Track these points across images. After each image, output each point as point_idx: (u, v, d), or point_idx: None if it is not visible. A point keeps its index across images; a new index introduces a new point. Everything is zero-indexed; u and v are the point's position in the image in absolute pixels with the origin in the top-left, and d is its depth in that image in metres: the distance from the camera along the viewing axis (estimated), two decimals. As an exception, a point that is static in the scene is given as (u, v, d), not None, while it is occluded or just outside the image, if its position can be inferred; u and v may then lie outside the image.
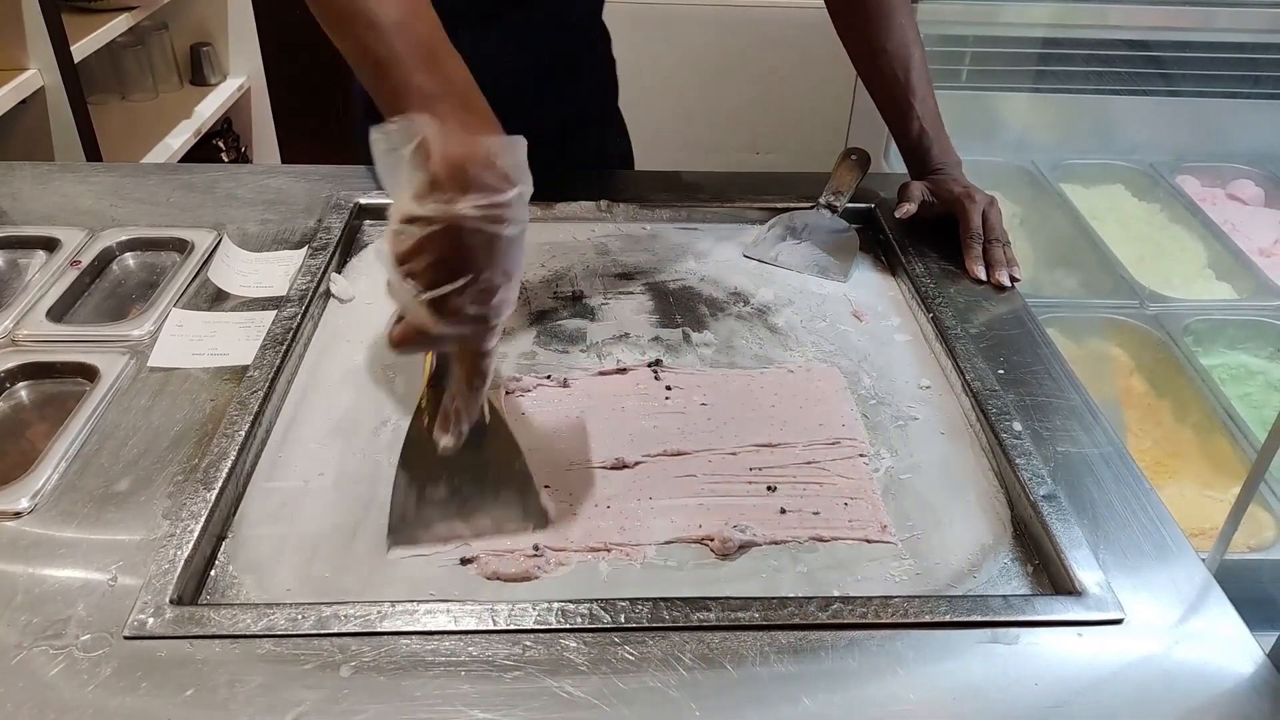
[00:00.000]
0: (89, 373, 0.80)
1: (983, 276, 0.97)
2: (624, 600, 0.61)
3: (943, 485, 0.74)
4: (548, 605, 0.61)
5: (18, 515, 0.67)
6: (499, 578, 0.65)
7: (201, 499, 0.67)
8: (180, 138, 2.07)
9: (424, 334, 0.58)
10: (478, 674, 0.57)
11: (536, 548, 0.66)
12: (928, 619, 0.61)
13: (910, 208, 1.02)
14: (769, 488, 0.73)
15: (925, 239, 1.03)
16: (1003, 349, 0.87)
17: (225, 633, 0.59)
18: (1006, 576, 0.67)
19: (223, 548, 0.66)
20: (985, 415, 0.78)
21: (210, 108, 2.21)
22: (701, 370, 0.85)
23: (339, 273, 0.96)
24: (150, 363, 0.82)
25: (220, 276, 0.93)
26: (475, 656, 0.58)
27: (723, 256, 1.03)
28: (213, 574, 0.64)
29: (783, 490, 0.73)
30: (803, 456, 0.76)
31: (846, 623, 0.61)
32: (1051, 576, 0.66)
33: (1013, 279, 0.97)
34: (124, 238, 0.99)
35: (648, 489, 0.72)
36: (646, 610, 0.61)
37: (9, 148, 1.66)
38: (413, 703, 0.55)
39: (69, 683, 0.56)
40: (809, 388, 0.83)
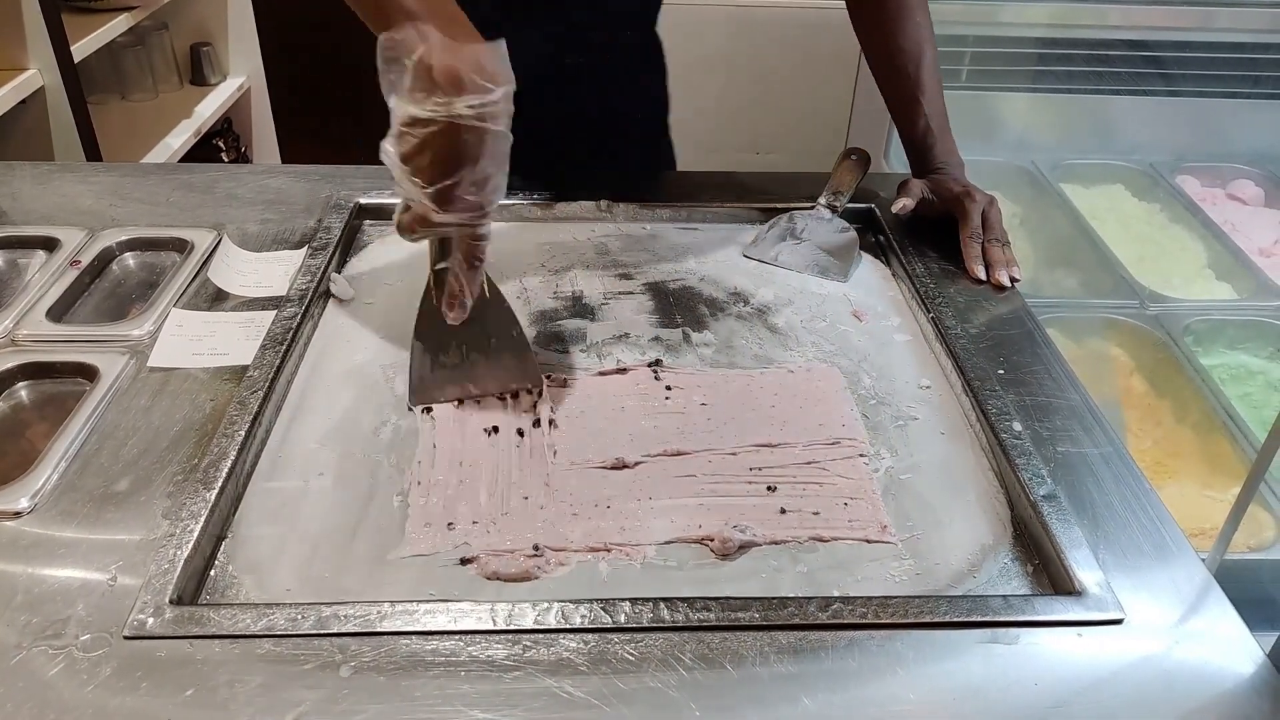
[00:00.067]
0: (89, 373, 0.80)
1: (983, 276, 0.97)
2: (624, 600, 0.61)
3: (943, 485, 0.74)
4: (547, 605, 0.61)
5: (17, 515, 0.67)
6: (499, 578, 0.65)
7: (201, 499, 0.67)
8: (180, 138, 2.07)
9: (428, 222, 0.67)
10: (477, 674, 0.57)
11: (536, 548, 0.66)
12: (928, 619, 0.61)
13: (907, 203, 1.02)
14: (769, 488, 0.73)
15: (925, 239, 1.03)
16: (1003, 349, 0.87)
17: (225, 633, 0.59)
18: (1006, 576, 0.67)
19: (222, 548, 0.66)
20: (985, 415, 0.78)
21: (210, 108, 2.21)
22: (701, 370, 0.85)
23: (339, 272, 0.96)
24: (150, 363, 0.82)
25: (220, 276, 0.93)
26: (475, 656, 0.58)
27: (722, 256, 1.03)
28: (212, 574, 0.64)
29: (783, 490, 0.73)
30: (803, 456, 0.76)
31: (846, 623, 0.61)
32: (1051, 577, 0.66)
33: (1012, 279, 0.97)
34: (124, 238, 0.99)
35: (648, 489, 0.72)
36: (646, 610, 0.61)
37: (9, 148, 1.66)
38: (412, 703, 0.55)
39: (69, 683, 0.56)
40: (809, 388, 0.83)
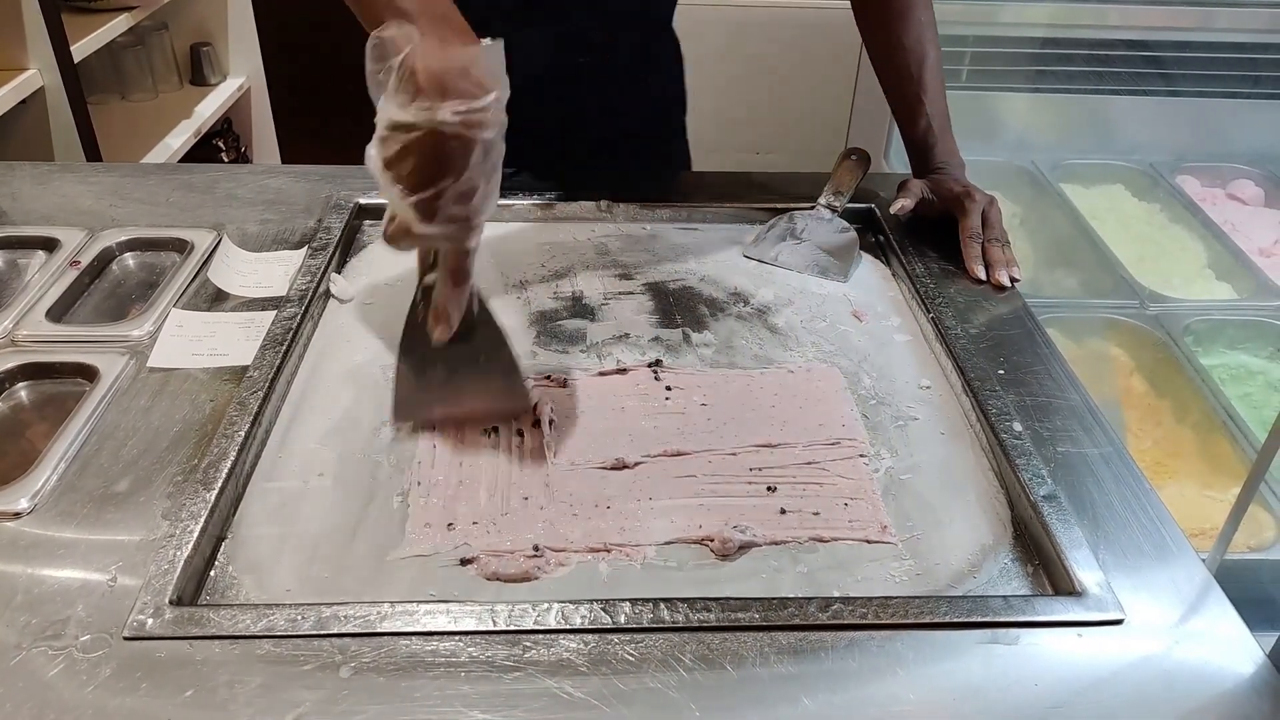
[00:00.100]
0: (89, 373, 0.80)
1: (983, 276, 0.97)
2: (624, 601, 0.61)
3: (943, 486, 0.74)
4: (547, 606, 0.61)
5: (17, 516, 0.67)
6: (499, 578, 0.65)
7: (201, 499, 0.67)
8: (180, 138, 2.07)
9: (411, 233, 0.63)
10: (477, 675, 0.57)
11: (536, 548, 0.66)
12: (928, 619, 0.61)
13: (905, 204, 1.02)
14: (769, 488, 0.73)
15: (925, 239, 1.03)
16: (1003, 349, 0.87)
17: (225, 633, 0.59)
18: (1007, 577, 0.67)
19: (222, 548, 0.66)
20: (985, 415, 0.78)
21: (210, 108, 2.21)
22: (701, 370, 0.85)
23: (339, 273, 0.96)
24: (150, 363, 0.82)
25: (220, 277, 0.93)
26: (475, 657, 0.58)
27: (722, 257, 1.03)
28: (212, 574, 0.64)
29: (783, 491, 0.73)
30: (803, 457, 0.76)
31: (846, 623, 0.61)
32: (1051, 577, 0.66)
33: (1013, 279, 0.97)
34: (124, 238, 0.99)
35: (648, 489, 0.72)
36: (646, 611, 0.61)
37: (9, 148, 1.66)
38: (412, 703, 0.55)
39: (68, 683, 0.56)
40: (809, 388, 0.83)
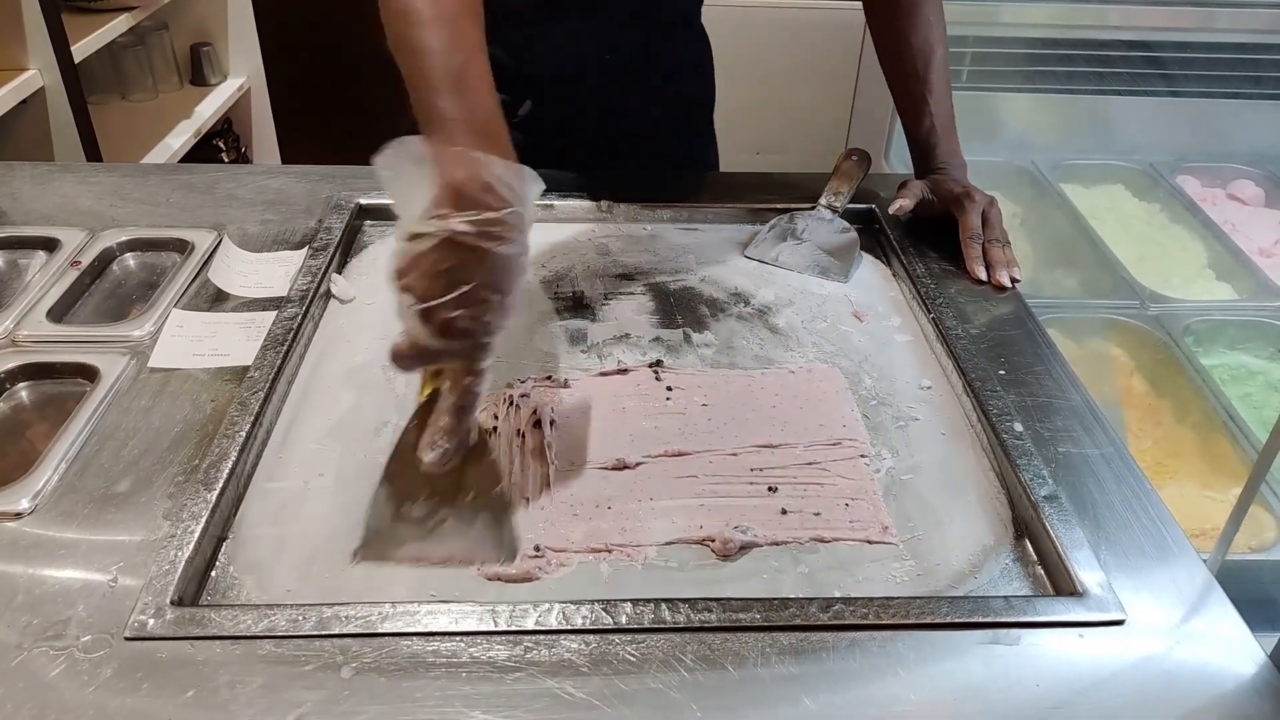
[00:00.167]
0: (89, 373, 0.80)
1: (983, 276, 0.97)
2: (625, 601, 0.61)
3: (944, 486, 0.74)
4: (549, 606, 0.61)
5: (18, 516, 0.67)
6: (500, 579, 0.65)
7: (202, 500, 0.67)
8: (180, 138, 2.06)
9: (417, 347, 0.60)
10: (479, 675, 0.57)
11: (538, 549, 0.66)
12: (929, 620, 0.61)
13: (904, 204, 1.02)
14: (770, 488, 0.73)
15: (926, 239, 1.03)
16: (1004, 349, 0.87)
17: (226, 634, 0.59)
18: (1008, 577, 0.67)
19: (223, 548, 0.66)
20: (986, 416, 0.78)
21: (210, 108, 2.21)
22: (702, 371, 0.85)
23: (339, 273, 0.96)
24: (150, 363, 0.82)
25: (220, 277, 0.93)
26: (476, 658, 0.58)
27: (723, 257, 1.03)
28: (213, 575, 0.64)
29: (784, 491, 0.73)
30: (803, 457, 0.76)
31: (847, 623, 0.61)
32: (1052, 577, 0.66)
33: (1013, 279, 0.97)
34: (124, 238, 0.99)
35: (648, 490, 0.72)
36: (648, 611, 0.61)
37: (9, 148, 1.66)
38: (414, 704, 0.55)
39: (69, 684, 0.56)
40: (810, 388, 0.83)
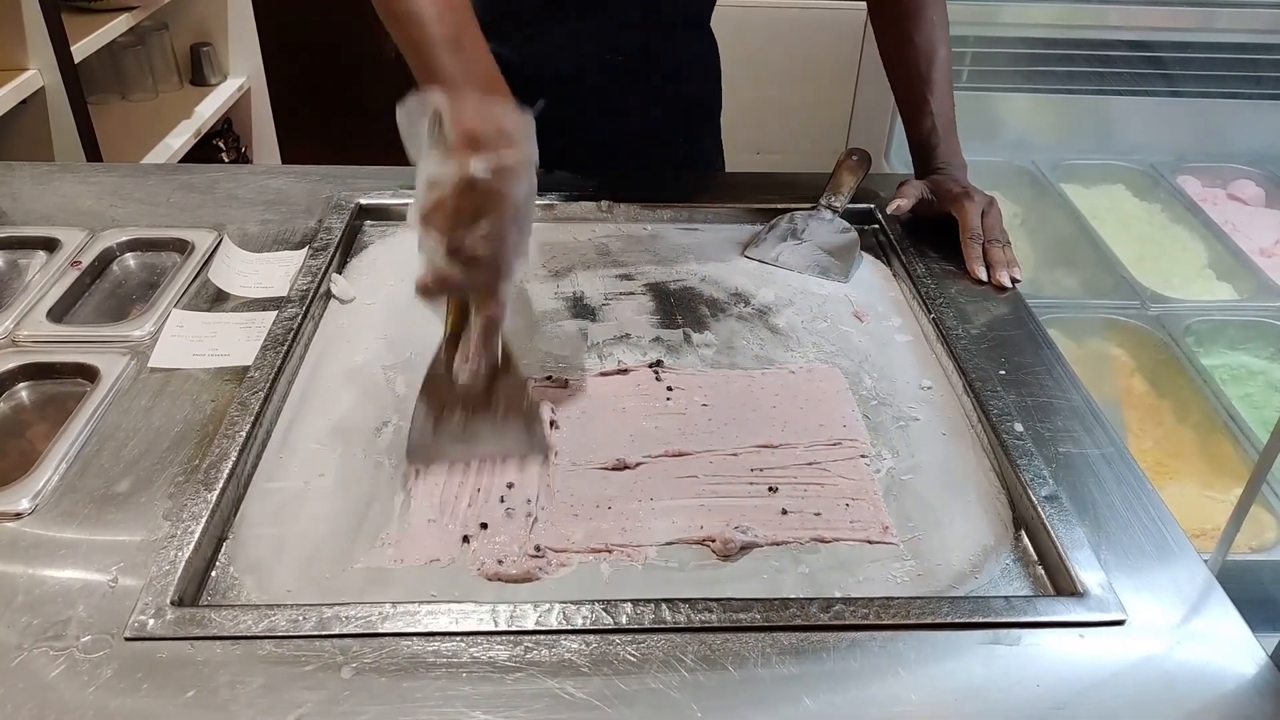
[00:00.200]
0: (89, 373, 0.80)
1: (984, 277, 0.97)
2: (626, 601, 0.61)
3: (944, 486, 0.74)
4: (549, 606, 0.61)
5: (18, 516, 0.67)
6: (500, 579, 0.65)
7: (202, 500, 0.67)
8: (180, 138, 2.07)
9: (444, 279, 0.66)
10: (479, 675, 0.57)
11: (538, 549, 0.66)
12: (929, 620, 0.61)
13: (902, 203, 1.02)
14: (770, 489, 0.73)
15: (926, 239, 1.03)
16: (1004, 349, 0.87)
17: (226, 634, 0.59)
18: (1008, 577, 0.67)
19: (223, 549, 0.66)
20: (987, 416, 0.78)
21: (210, 108, 2.21)
22: (702, 371, 0.85)
23: (339, 273, 0.96)
24: (151, 363, 0.81)
25: (220, 277, 0.93)
26: (477, 658, 0.58)
27: (723, 257, 1.03)
28: (213, 575, 0.64)
29: (784, 491, 0.73)
30: (804, 457, 0.76)
31: (848, 624, 0.61)
32: (1053, 577, 0.66)
33: (1013, 279, 0.97)
34: (124, 238, 0.99)
35: (649, 490, 0.72)
36: (648, 611, 0.61)
37: (9, 148, 1.66)
38: (414, 704, 0.55)
39: (69, 684, 0.56)
40: (810, 388, 0.83)
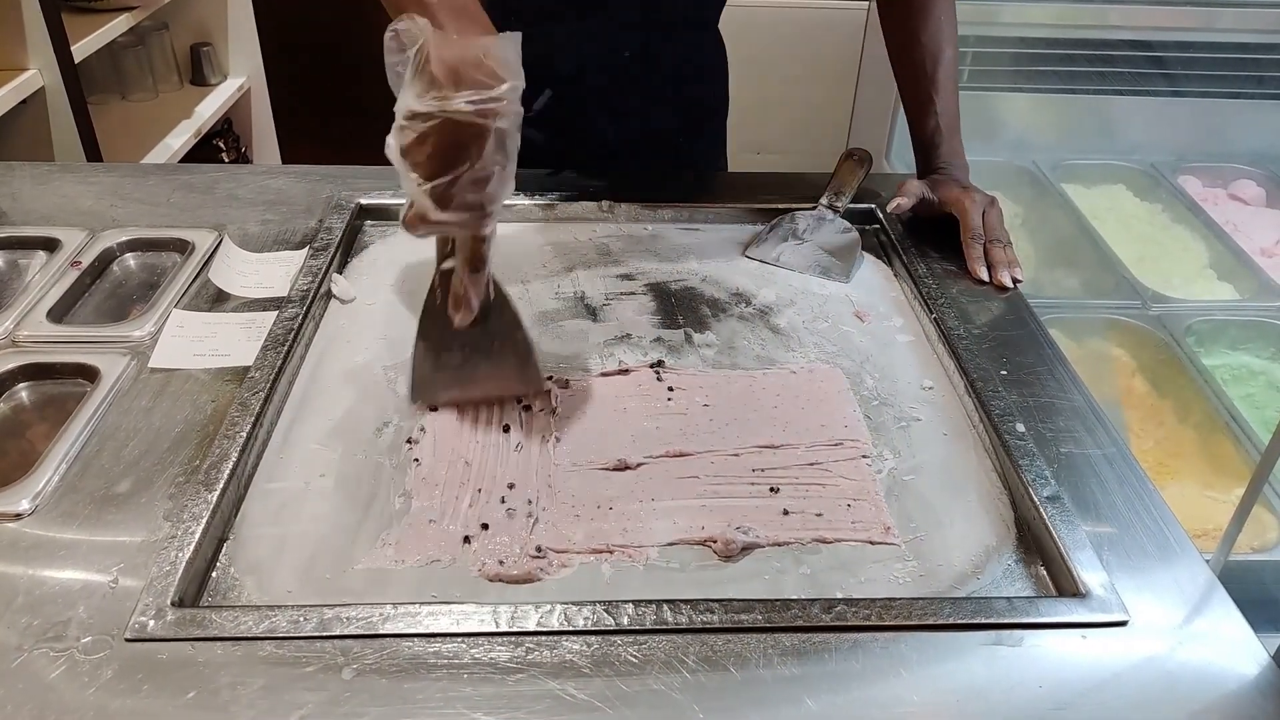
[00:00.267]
0: (89, 374, 0.80)
1: (985, 277, 0.97)
2: (627, 602, 0.61)
3: (946, 486, 0.74)
4: (550, 607, 0.61)
5: (18, 517, 0.66)
6: (501, 579, 0.65)
7: (203, 500, 0.67)
8: (180, 138, 2.06)
9: (427, 220, 0.64)
10: (480, 676, 0.57)
11: (539, 549, 0.66)
12: (931, 621, 0.61)
13: (902, 203, 1.02)
14: (771, 489, 0.73)
15: (927, 239, 1.03)
16: (1005, 350, 0.87)
17: (227, 635, 0.58)
18: (1010, 578, 0.67)
19: (224, 549, 0.66)
20: (988, 416, 0.78)
21: (210, 108, 2.21)
22: (703, 371, 0.85)
23: (340, 273, 0.96)
24: (151, 363, 0.81)
25: (221, 277, 0.93)
26: (478, 659, 0.58)
27: (724, 257, 1.03)
28: (214, 576, 0.64)
29: (785, 492, 0.73)
30: (805, 458, 0.76)
31: (850, 624, 0.61)
32: (1055, 578, 0.66)
33: (1014, 279, 0.97)
34: (124, 238, 0.99)
35: (650, 490, 0.72)
36: (650, 612, 0.60)
37: (9, 148, 1.66)
38: (415, 705, 0.55)
39: (70, 685, 0.55)
40: (811, 389, 0.83)
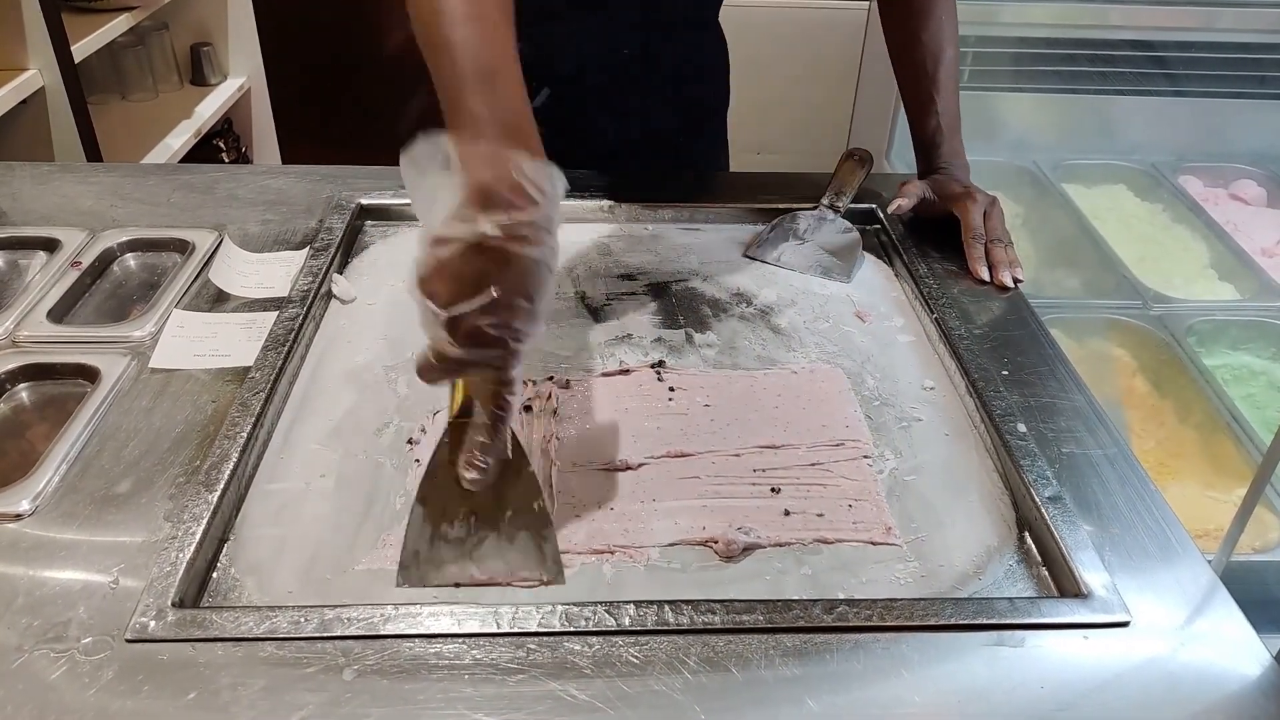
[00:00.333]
0: (90, 374, 0.80)
1: (986, 277, 0.97)
2: (628, 603, 0.61)
3: (947, 487, 0.74)
4: (551, 608, 0.60)
5: (18, 517, 0.66)
6: (502, 580, 0.64)
7: (203, 501, 0.66)
8: (180, 138, 2.06)
9: (444, 358, 0.56)
10: (481, 677, 0.57)
11: (540, 550, 0.66)
12: (933, 622, 0.61)
13: (903, 203, 1.02)
14: (773, 489, 0.72)
15: (928, 239, 1.03)
16: (1007, 350, 0.87)
17: (227, 635, 0.58)
18: (1012, 578, 0.66)
19: (224, 550, 0.66)
20: (989, 416, 0.78)
21: (210, 108, 2.21)
22: (704, 371, 0.85)
23: (340, 273, 0.96)
24: (151, 364, 0.81)
25: (221, 277, 0.93)
26: (479, 660, 0.58)
27: (725, 257, 1.03)
28: (214, 576, 0.64)
29: (786, 492, 0.72)
30: (806, 458, 0.76)
31: (851, 625, 0.61)
32: (1057, 579, 0.66)
33: (1015, 279, 0.97)
34: (125, 238, 0.99)
35: (651, 491, 0.72)
36: (651, 613, 0.60)
37: (9, 148, 1.66)
38: (416, 706, 0.55)
39: (70, 686, 0.55)
40: (812, 389, 0.83)
